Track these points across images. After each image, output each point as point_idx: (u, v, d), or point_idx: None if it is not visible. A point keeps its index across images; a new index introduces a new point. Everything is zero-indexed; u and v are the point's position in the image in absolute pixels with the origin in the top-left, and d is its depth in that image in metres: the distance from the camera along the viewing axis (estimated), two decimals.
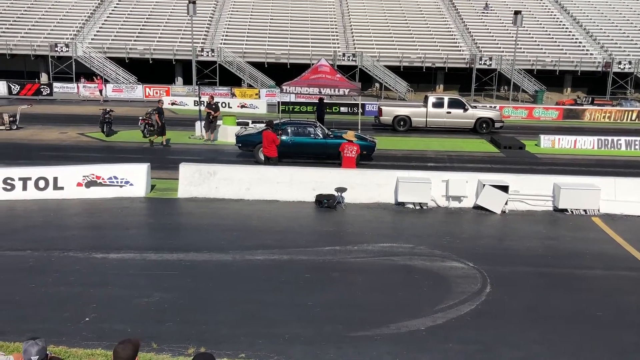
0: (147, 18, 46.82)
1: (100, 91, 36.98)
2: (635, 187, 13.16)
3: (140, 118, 22.46)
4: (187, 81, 42.15)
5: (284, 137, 17.20)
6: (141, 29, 45.38)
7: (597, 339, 7.18)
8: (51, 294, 7.99)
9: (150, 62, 42.73)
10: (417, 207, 13.03)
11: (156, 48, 43.08)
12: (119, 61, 42.17)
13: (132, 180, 13.45)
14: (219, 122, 22.39)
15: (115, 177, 13.38)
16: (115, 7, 47.94)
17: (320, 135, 17.90)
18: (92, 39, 43.55)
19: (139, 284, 8.42)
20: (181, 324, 7.23)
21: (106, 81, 39.59)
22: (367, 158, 17.94)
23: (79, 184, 13.23)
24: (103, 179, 13.34)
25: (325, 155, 17.72)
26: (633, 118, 34.33)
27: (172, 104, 34.40)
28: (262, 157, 17.16)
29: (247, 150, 17.99)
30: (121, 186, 13.39)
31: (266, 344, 6.78)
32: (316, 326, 7.25)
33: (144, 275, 8.79)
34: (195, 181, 13.50)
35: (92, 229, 11.41)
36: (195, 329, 7.10)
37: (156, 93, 38.19)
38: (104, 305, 7.68)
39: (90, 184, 13.28)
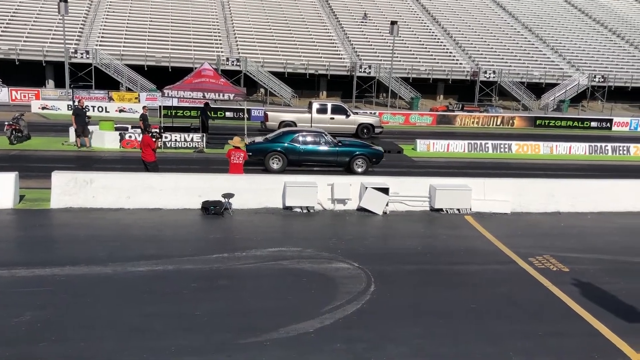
0: (12, 15, 43.39)
1: None
2: (501, 187, 14.27)
3: (7, 123, 20.85)
4: (60, 84, 39.59)
5: (296, 145, 17.62)
6: (5, 26, 41.93)
7: (473, 329, 7.67)
8: None
9: (17, 63, 39.61)
10: (305, 211, 13.21)
11: (23, 48, 40.03)
12: None
13: None
14: (92, 128, 21.26)
15: None
16: None
17: (331, 144, 18.00)
18: None
19: (7, 303, 7.73)
20: (57, 343, 6.75)
21: None
22: (376, 164, 18.41)
23: None
24: None
25: (335, 163, 18.07)
26: (498, 123, 37.31)
27: (43, 108, 32.18)
28: (273, 166, 17.53)
29: (257, 160, 17.73)
30: None
31: (152, 357, 6.52)
32: (204, 336, 7.10)
33: (13, 293, 8.10)
34: (70, 190, 12.68)
35: None
36: (74, 347, 6.66)
37: (24, 96, 35.52)
38: None
39: None
